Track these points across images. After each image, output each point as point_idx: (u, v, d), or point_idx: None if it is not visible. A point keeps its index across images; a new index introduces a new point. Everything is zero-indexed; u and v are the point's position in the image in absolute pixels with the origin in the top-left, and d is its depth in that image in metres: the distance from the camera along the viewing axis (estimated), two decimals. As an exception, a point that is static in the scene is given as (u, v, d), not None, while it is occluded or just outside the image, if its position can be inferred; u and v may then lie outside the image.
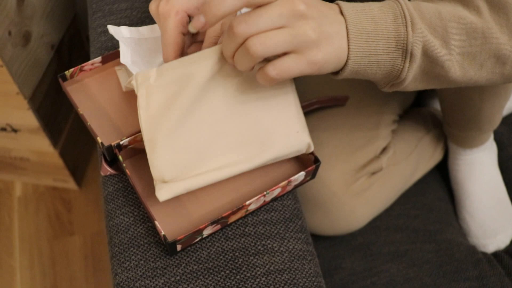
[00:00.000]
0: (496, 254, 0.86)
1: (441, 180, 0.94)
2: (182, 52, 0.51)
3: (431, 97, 1.02)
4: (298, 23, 0.41)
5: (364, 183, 0.75)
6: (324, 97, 0.74)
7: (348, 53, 0.43)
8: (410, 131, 0.85)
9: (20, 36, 0.93)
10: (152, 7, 0.51)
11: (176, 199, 0.53)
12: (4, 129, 1.08)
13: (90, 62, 0.62)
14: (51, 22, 1.05)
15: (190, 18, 0.51)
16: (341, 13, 0.44)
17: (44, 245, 1.22)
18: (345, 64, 0.44)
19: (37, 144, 1.11)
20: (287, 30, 0.40)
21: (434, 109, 0.98)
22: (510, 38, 0.46)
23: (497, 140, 0.97)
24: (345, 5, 0.44)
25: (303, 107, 0.70)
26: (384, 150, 0.78)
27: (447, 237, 0.85)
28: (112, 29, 0.57)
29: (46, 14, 1.02)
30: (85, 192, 1.29)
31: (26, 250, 1.21)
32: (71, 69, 0.61)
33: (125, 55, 0.56)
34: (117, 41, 0.69)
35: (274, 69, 0.42)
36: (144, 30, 0.61)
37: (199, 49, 0.53)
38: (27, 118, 1.03)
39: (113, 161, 0.57)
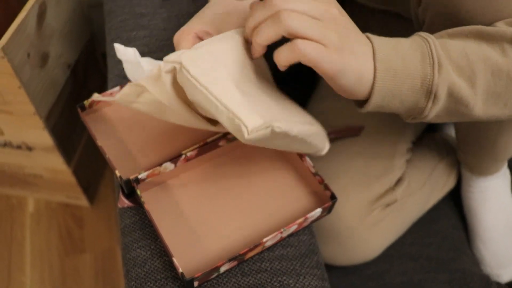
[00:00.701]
0: (510, 284, 0.85)
1: (454, 207, 0.94)
2: None
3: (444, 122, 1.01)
4: (329, 22, 0.43)
5: (378, 215, 0.75)
6: (338, 127, 0.74)
7: (374, 87, 0.44)
8: (424, 160, 0.85)
9: (38, 57, 0.94)
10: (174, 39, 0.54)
11: (193, 234, 0.54)
12: (19, 147, 1.09)
13: (108, 92, 0.62)
14: (68, 43, 1.07)
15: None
16: (372, 45, 0.45)
17: (55, 261, 1.23)
18: (370, 98, 0.45)
19: (51, 162, 1.12)
20: (318, 22, 0.42)
21: (446, 135, 0.98)
22: None
23: (511, 167, 0.97)
24: (376, 40, 0.45)
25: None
26: (398, 181, 0.78)
27: (461, 266, 0.84)
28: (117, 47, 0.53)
29: (64, 35, 1.03)
30: (97, 209, 1.30)
31: (37, 266, 1.22)
32: (90, 99, 0.62)
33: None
34: (135, 70, 0.69)
35: (304, 46, 0.42)
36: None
37: None
38: (42, 137, 1.04)
39: (130, 194, 0.57)
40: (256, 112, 0.44)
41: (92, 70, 1.23)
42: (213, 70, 0.45)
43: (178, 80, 0.46)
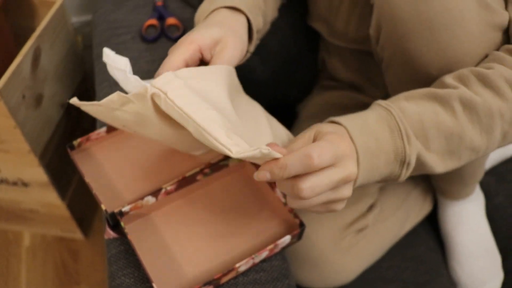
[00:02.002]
0: (485, 304, 0.88)
1: (432, 230, 0.98)
2: None
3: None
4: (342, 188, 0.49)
5: (351, 240, 0.79)
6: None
7: (358, 173, 0.50)
8: (398, 187, 0.89)
9: (33, 98, 1.00)
10: None
11: (173, 261, 0.58)
12: (15, 183, 1.14)
13: (96, 132, 0.68)
14: (62, 83, 1.13)
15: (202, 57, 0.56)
16: (350, 137, 0.50)
17: (51, 294, 1.26)
18: (355, 182, 0.51)
19: (46, 197, 1.17)
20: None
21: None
22: (481, 132, 0.53)
23: (484, 190, 1.01)
24: (351, 128, 0.50)
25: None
26: (371, 207, 0.83)
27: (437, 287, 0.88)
28: (108, 53, 0.54)
29: (57, 76, 1.09)
30: (91, 242, 1.33)
31: (33, 299, 1.25)
32: (79, 139, 0.67)
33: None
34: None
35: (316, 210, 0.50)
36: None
37: None
38: (37, 173, 1.08)
39: (116, 226, 0.62)
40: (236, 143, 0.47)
41: (86, 108, 1.28)
42: (197, 103, 0.47)
43: (162, 107, 0.48)
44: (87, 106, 0.52)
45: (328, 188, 0.47)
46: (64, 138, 1.17)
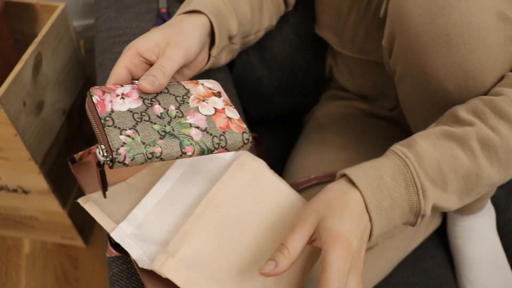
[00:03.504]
0: (495, 322, 0.86)
1: (441, 245, 0.96)
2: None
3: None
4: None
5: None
6: (321, 173, 0.77)
7: (371, 230, 0.50)
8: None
9: (34, 105, 0.98)
10: None
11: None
12: (15, 191, 1.12)
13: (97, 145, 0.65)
14: (63, 90, 1.10)
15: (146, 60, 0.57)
16: (361, 193, 0.50)
17: (50, 303, 1.24)
18: (370, 235, 0.51)
19: (47, 205, 1.15)
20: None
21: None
22: (499, 170, 0.52)
23: (495, 204, 0.99)
24: (362, 186, 0.50)
25: (301, 183, 0.73)
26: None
27: (447, 304, 0.86)
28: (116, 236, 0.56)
29: (59, 82, 1.07)
30: (92, 249, 1.31)
31: (32, 308, 1.23)
32: (80, 152, 0.65)
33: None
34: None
35: None
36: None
37: None
38: (37, 181, 1.06)
39: (117, 244, 0.60)
40: None
41: (88, 114, 1.26)
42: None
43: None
44: None
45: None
46: (65, 146, 1.15)
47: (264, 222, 0.57)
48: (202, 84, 0.57)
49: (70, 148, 1.18)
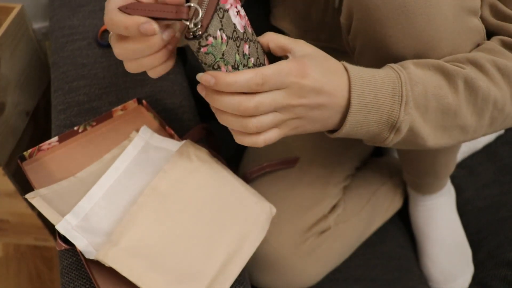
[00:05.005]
0: (457, 299, 0.88)
1: (403, 226, 0.98)
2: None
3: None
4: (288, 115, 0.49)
5: (312, 243, 0.78)
6: (274, 160, 0.78)
7: (346, 121, 0.50)
8: (364, 186, 0.89)
9: (-6, 108, 0.98)
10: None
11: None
12: (-18, 194, 1.12)
13: (47, 142, 0.66)
14: (26, 91, 1.10)
15: None
16: (348, 78, 0.50)
17: (26, 304, 1.24)
18: (341, 129, 0.51)
19: (16, 207, 1.15)
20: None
21: (393, 158, 1.02)
22: (472, 113, 0.54)
23: (455, 184, 1.01)
24: (353, 74, 0.50)
25: (254, 172, 0.74)
26: (333, 208, 0.82)
27: (408, 285, 0.87)
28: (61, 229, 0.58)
29: (20, 84, 1.07)
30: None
31: (7, 310, 1.23)
32: (30, 150, 0.65)
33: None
34: (76, 119, 0.73)
35: (264, 140, 0.48)
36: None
37: None
38: (3, 183, 1.06)
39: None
40: None
41: (54, 115, 1.27)
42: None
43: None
44: None
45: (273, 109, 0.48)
46: (30, 147, 1.15)
47: (206, 208, 0.58)
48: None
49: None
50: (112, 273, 0.56)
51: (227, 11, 0.47)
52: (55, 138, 0.67)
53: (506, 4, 0.57)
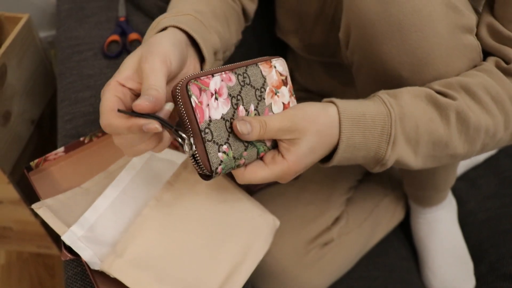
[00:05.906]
0: (457, 311, 0.88)
1: (404, 238, 0.98)
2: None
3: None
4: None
5: (316, 254, 0.78)
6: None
7: (333, 158, 0.53)
8: (367, 198, 0.89)
9: (0, 116, 0.99)
10: None
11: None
12: (-14, 201, 1.12)
13: (53, 152, 0.67)
14: (31, 99, 1.12)
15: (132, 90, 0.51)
16: (339, 122, 0.52)
17: (27, 312, 1.24)
18: (329, 163, 0.54)
19: (19, 214, 1.16)
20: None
21: (395, 170, 1.03)
22: (464, 144, 0.55)
23: (457, 196, 1.01)
24: (344, 116, 0.52)
25: (257, 184, 0.75)
26: (336, 220, 0.82)
27: (409, 296, 0.88)
28: (67, 239, 0.59)
29: (26, 92, 1.08)
30: (67, 257, 1.32)
31: (9, 318, 1.23)
32: (36, 160, 0.66)
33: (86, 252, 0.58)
34: (82, 130, 0.74)
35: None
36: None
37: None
38: (8, 191, 1.07)
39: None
40: None
41: (59, 123, 1.27)
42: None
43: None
44: None
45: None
46: (35, 155, 1.16)
47: (210, 220, 0.59)
48: (275, 67, 0.55)
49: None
50: (117, 284, 0.57)
51: (209, 124, 0.47)
52: (61, 149, 0.67)
53: (504, 24, 0.58)
